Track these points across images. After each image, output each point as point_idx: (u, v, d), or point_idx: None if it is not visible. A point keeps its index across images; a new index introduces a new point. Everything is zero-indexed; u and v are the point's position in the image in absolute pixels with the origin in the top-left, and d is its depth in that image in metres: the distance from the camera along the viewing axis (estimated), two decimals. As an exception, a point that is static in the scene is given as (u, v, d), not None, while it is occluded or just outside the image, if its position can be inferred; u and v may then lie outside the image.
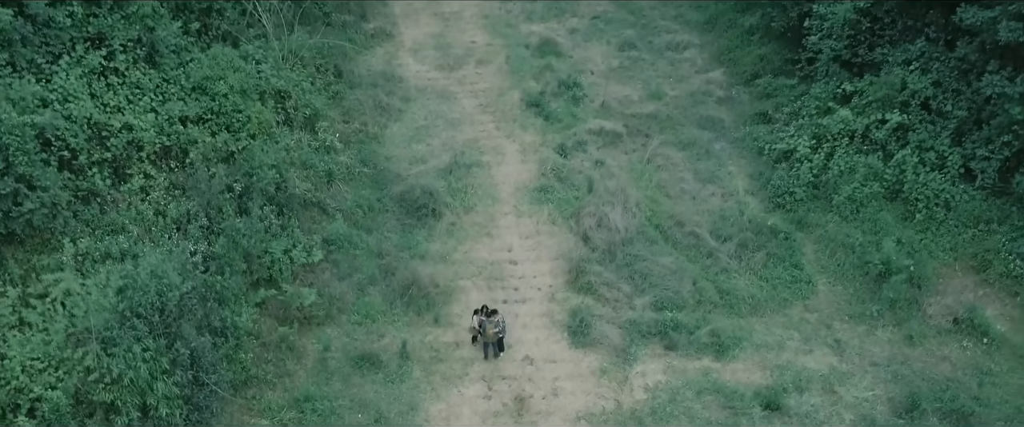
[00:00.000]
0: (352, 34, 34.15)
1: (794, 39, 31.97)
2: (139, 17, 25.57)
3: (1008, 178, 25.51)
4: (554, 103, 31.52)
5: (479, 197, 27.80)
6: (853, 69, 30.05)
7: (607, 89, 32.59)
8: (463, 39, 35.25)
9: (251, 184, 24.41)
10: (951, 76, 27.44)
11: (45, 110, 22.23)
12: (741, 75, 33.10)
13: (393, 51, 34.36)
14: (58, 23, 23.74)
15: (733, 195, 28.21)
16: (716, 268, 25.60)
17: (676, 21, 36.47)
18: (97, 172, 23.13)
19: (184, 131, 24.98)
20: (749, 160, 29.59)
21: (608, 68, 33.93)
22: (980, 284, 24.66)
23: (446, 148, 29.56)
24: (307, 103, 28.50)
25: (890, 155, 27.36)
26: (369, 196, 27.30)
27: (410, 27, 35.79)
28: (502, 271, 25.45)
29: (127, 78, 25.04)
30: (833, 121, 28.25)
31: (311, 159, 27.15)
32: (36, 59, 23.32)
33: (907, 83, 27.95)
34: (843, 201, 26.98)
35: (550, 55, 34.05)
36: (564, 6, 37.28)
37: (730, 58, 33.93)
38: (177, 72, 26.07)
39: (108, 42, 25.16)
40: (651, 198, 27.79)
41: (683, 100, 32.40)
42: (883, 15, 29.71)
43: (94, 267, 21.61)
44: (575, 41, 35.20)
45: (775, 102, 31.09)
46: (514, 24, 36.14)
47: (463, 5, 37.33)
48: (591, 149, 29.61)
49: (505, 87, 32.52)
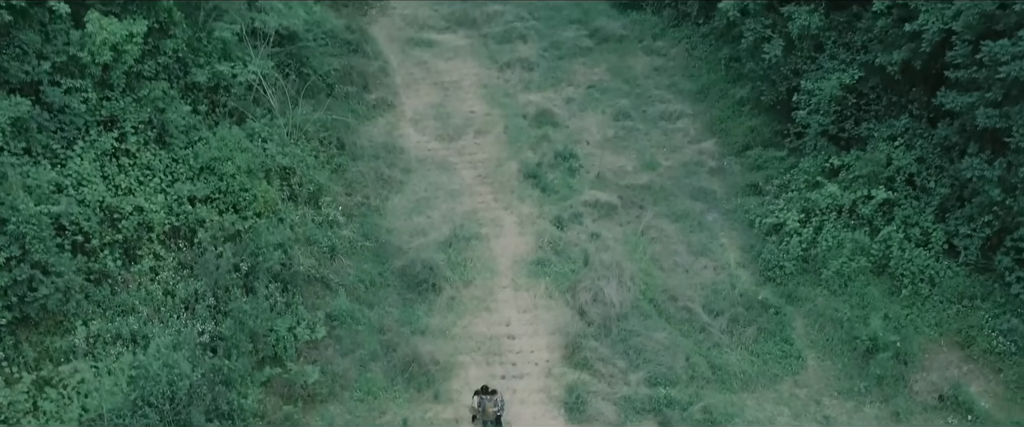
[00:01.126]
0: (355, 105, 35.13)
1: (783, 112, 32.97)
2: (150, 100, 26.54)
3: (990, 255, 26.33)
4: (551, 174, 32.41)
5: (478, 270, 28.56)
6: (840, 143, 31.01)
7: (602, 159, 33.52)
8: (462, 109, 36.24)
9: (257, 263, 25.20)
10: (934, 153, 28.38)
11: (60, 197, 23.07)
12: (733, 146, 34.04)
13: (394, 121, 35.33)
14: (73, 109, 24.68)
15: (725, 268, 29.00)
16: (709, 343, 26.31)
17: (669, 90, 37.51)
18: (108, 254, 23.93)
19: (192, 211, 25.82)
20: (741, 232, 30.42)
21: (603, 138, 34.87)
22: (965, 360, 25.37)
23: (446, 220, 30.38)
24: (311, 179, 29.38)
25: (876, 230, 28.21)
26: (371, 270, 28.07)
27: (411, 97, 36.81)
28: (500, 346, 26.15)
29: (138, 159, 25.94)
30: (821, 196, 29.13)
31: (315, 234, 27.96)
32: (51, 144, 24.21)
33: (892, 159, 28.89)
34: (831, 275, 27.77)
35: (547, 125, 35.01)
36: (560, 75, 38.34)
37: (722, 129, 34.90)
38: (186, 152, 26.97)
39: (120, 124, 26.10)
40: (645, 271, 28.56)
41: (676, 170, 33.31)
42: (868, 91, 30.76)
43: (106, 349, 22.37)
44: (571, 111, 36.19)
45: (765, 174, 31.99)
46: (512, 94, 37.17)
47: (462, 74, 38.40)
48: (587, 221, 30.43)
49: (503, 157, 33.43)
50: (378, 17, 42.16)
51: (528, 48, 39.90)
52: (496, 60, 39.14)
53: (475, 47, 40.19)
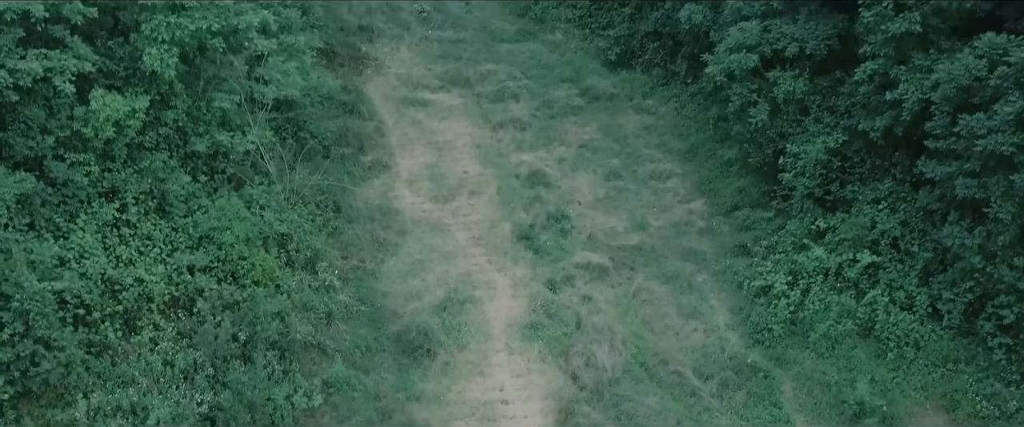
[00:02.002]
0: (351, 167, 35.78)
1: (771, 173, 33.71)
2: (151, 171, 27.16)
3: (973, 319, 26.93)
4: (544, 235, 33.01)
5: (472, 334, 29.04)
6: (826, 205, 31.73)
7: (594, 220, 34.17)
8: (456, 169, 36.92)
9: (255, 333, 25.67)
10: (917, 217, 29.09)
11: (63, 271, 23.58)
12: (721, 206, 34.74)
13: (390, 182, 35.98)
14: (76, 183, 25.28)
15: (714, 330, 29.54)
16: (699, 407, 26.77)
17: (659, 149, 38.27)
18: (109, 325, 24.40)
19: (192, 280, 26.32)
20: (730, 294, 31.00)
21: (595, 198, 35.54)
22: (950, 423, 25.87)
23: (440, 283, 30.90)
24: (308, 244, 29.94)
25: (862, 293, 28.82)
26: (367, 335, 28.53)
27: (406, 157, 37.49)
28: (494, 411, 26.57)
29: (138, 230, 26.50)
30: (808, 258, 29.76)
31: (312, 300, 28.45)
32: (54, 218, 24.79)
33: (876, 222, 29.60)
34: (819, 338, 28.33)
35: (539, 185, 35.68)
36: (552, 135, 39.10)
37: (711, 188, 35.62)
38: (186, 221, 27.55)
39: (121, 195, 26.70)
40: (636, 334, 29.09)
41: (666, 230, 33.96)
42: (853, 154, 31.55)
43: (106, 422, 22.78)
44: (563, 171, 36.90)
45: (754, 235, 32.64)
46: (505, 153, 37.89)
47: (456, 134, 39.13)
48: (579, 283, 30.99)
49: (496, 219, 34.04)
50: (373, 77, 42.98)
51: (520, 107, 40.69)
52: (489, 119, 39.91)
53: (469, 106, 40.98)
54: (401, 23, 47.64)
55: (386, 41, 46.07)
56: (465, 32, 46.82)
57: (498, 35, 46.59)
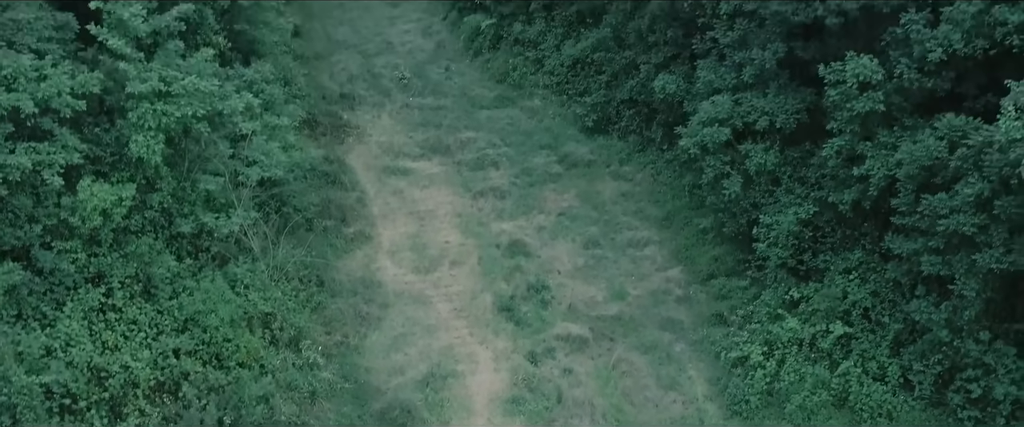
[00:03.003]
0: (333, 239, 36.31)
1: (745, 242, 34.51)
2: (136, 255, 27.61)
3: (943, 390, 27.63)
4: (524, 306, 33.57)
5: (455, 410, 29.45)
6: (799, 275, 32.51)
7: (573, 290, 34.78)
8: (438, 239, 37.52)
9: (240, 417, 26.01)
10: (887, 287, 29.90)
11: (50, 362, 23.90)
12: (698, 274, 35.46)
13: (372, 254, 36.51)
14: (63, 270, 25.71)
15: (693, 402, 30.09)
16: (679, 481, 27.22)
17: (636, 217, 39.04)
18: (95, 413, 24.70)
19: (177, 364, 26.67)
20: (708, 364, 31.60)
21: (574, 267, 36.19)
22: (924, 494, 26.44)
23: (423, 357, 31.34)
24: (292, 323, 30.36)
25: (836, 364, 29.49)
26: (350, 413, 28.87)
27: (388, 228, 38.07)
28: (478, 489, 26.91)
29: (124, 314, 26.88)
30: (783, 329, 30.47)
31: (296, 380, 28.81)
32: (41, 307, 25.16)
33: (848, 293, 30.39)
34: (795, 410, 28.93)
35: (520, 255, 36.32)
36: (532, 203, 39.82)
37: (687, 256, 36.37)
38: (171, 303, 27.94)
39: (107, 279, 27.11)
40: (616, 407, 29.59)
41: (645, 299, 34.60)
42: (824, 225, 32.43)
43: (91, 512, 22.94)
44: (543, 239, 37.57)
45: (730, 304, 33.34)
46: (485, 222, 38.55)
47: (437, 203, 39.79)
48: (560, 355, 31.51)
49: (478, 290, 34.59)
50: (355, 145, 43.70)
51: (500, 175, 41.46)
52: (470, 188, 40.61)
53: (449, 175, 41.70)
54: (382, 90, 48.55)
55: (367, 109, 46.89)
56: (445, 99, 47.70)
57: (477, 102, 47.50)
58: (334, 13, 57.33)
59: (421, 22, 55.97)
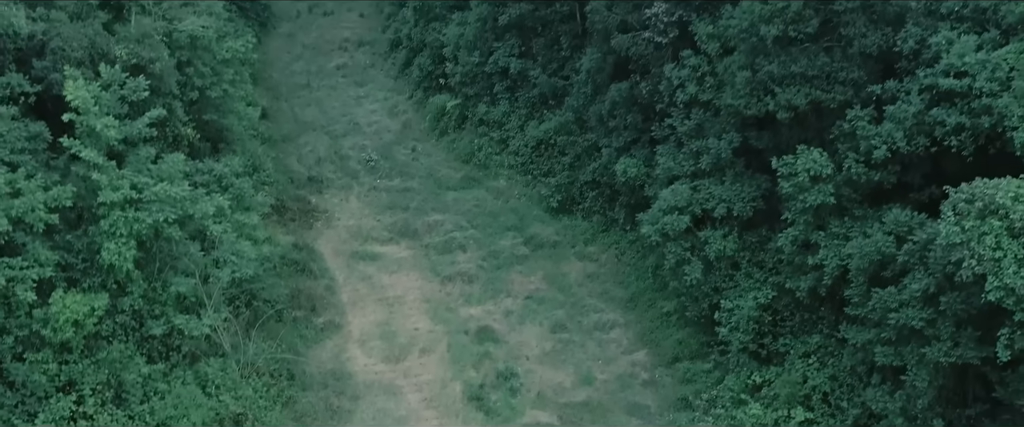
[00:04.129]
0: (303, 330, 36.68)
1: (708, 325, 35.40)
2: (108, 362, 27.84)
3: (903, 475, 28.44)
4: (494, 395, 34.06)
5: (427, 505, 29.72)
6: (761, 358, 33.42)
7: (542, 376, 35.36)
8: (407, 326, 38.01)
9: (213, 523, 26.11)
10: (845, 372, 30.85)
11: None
12: (663, 357, 36.23)
13: (342, 343, 36.89)
14: (35, 382, 25.87)
15: (661, 490, 30.64)
16: None
17: (602, 298, 39.82)
18: (66, 526, 24.68)
19: (149, 471, 26.81)
20: (675, 450, 32.21)
21: (542, 352, 36.80)
22: None
23: (394, 452, 31.63)
24: (263, 422, 30.59)
25: (799, 448, 30.28)
26: (323, 512, 29.05)
27: (357, 315, 38.51)
28: None
29: (95, 422, 27.14)
30: (746, 415, 31.25)
31: (268, 481, 29.01)
32: (13, 419, 25.26)
33: (808, 377, 31.33)
34: (760, 497, 29.59)
35: (488, 341, 36.90)
36: (499, 286, 40.50)
37: (652, 339, 37.15)
38: (142, 408, 28.17)
39: (78, 387, 27.29)
40: (586, 497, 30.03)
41: (612, 384, 35.24)
42: (782, 308, 33.48)
43: None
44: (511, 324, 38.20)
45: (695, 388, 34.10)
46: (454, 308, 39.12)
47: (406, 288, 40.34)
48: (529, 446, 31.94)
49: (447, 378, 35.05)
50: (324, 230, 44.26)
51: (468, 258, 42.16)
52: (438, 272, 41.24)
53: (417, 258, 42.34)
54: (350, 172, 49.28)
55: (335, 191, 47.56)
56: (412, 180, 48.53)
57: (444, 182, 48.35)
58: (301, 93, 58.22)
59: (387, 101, 56.98)
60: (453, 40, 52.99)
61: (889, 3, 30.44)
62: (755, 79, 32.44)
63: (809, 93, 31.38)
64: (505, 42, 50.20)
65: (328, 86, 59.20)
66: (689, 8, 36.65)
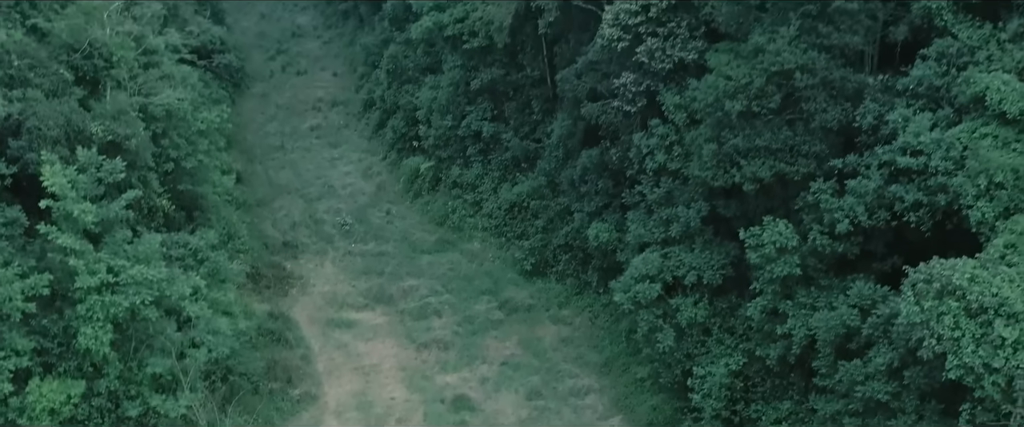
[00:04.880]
0: (279, 402, 36.77)
1: (681, 391, 35.90)
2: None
3: None
4: (471, 468, 34.23)
5: None
6: (733, 424, 33.95)
7: (518, 447, 35.60)
8: (383, 395, 38.17)
9: None
10: (818, 439, 31.42)
11: None
12: (638, 423, 36.67)
13: (318, 415, 36.97)
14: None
15: None
16: None
17: (577, 363, 40.24)
18: None
19: None
20: (650, 519, 32.50)
21: (518, 419, 37.10)
22: None
23: None
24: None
25: (774, 519, 30.70)
26: None
27: (333, 385, 38.63)
28: None
29: (71, 509, 26.89)
30: (723, 486, 31.66)
31: None
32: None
33: (780, 445, 31.89)
34: None
35: (464, 410, 37.13)
36: (475, 352, 40.82)
37: (627, 405, 37.58)
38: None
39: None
40: None
41: (589, 454, 35.56)
42: (753, 374, 34.08)
43: None
44: (487, 391, 38.48)
45: (671, 457, 34.51)
46: (429, 376, 39.36)
47: (382, 356, 40.55)
48: (507, 521, 32.10)
49: (424, 449, 35.22)
50: (299, 297, 44.44)
51: (443, 324, 42.48)
52: (413, 339, 41.51)
53: (393, 325, 42.60)
54: (325, 237, 49.60)
55: (310, 257, 47.82)
56: (387, 244, 48.91)
57: (419, 246, 48.77)
58: (276, 155, 58.61)
59: (362, 163, 57.50)
60: (426, 103, 53.78)
61: (848, 79, 31.51)
62: (721, 151, 33.29)
63: (774, 165, 32.28)
64: (477, 106, 51.08)
65: (302, 147, 59.65)
66: (656, 79, 37.60)
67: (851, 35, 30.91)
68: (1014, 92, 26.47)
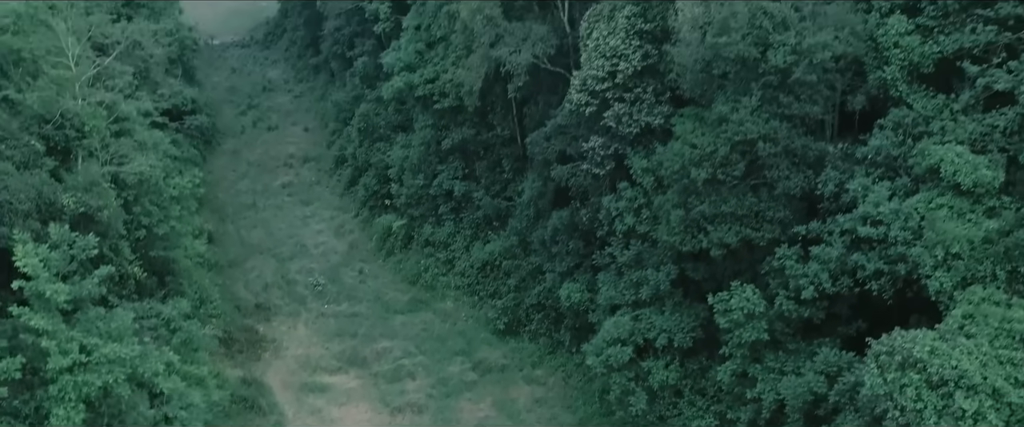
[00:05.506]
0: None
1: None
2: None
3: None
4: None
5: None
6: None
7: (494, 511, 35.62)
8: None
9: None
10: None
11: None
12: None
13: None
14: None
15: None
16: None
17: (551, 425, 40.36)
18: None
19: None
20: None
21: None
22: None
23: None
24: None
25: None
26: None
27: (308, 454, 38.52)
28: None
29: None
30: None
31: None
32: None
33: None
34: None
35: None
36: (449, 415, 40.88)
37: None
38: None
39: None
40: None
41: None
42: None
43: None
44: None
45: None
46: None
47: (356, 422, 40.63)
48: None
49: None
50: (272, 361, 44.35)
51: (417, 387, 42.53)
52: (387, 402, 41.52)
53: (367, 388, 42.60)
54: (297, 298, 49.61)
55: (283, 319, 47.80)
56: (360, 304, 49.01)
57: (392, 306, 48.92)
58: (248, 214, 58.68)
59: (334, 220, 57.71)
60: (398, 161, 54.28)
61: (809, 147, 32.40)
62: (688, 217, 34.02)
63: (740, 231, 33.03)
64: (449, 164, 51.67)
65: (274, 205, 59.78)
66: (624, 142, 38.36)
67: (811, 105, 31.84)
68: (967, 164, 27.42)
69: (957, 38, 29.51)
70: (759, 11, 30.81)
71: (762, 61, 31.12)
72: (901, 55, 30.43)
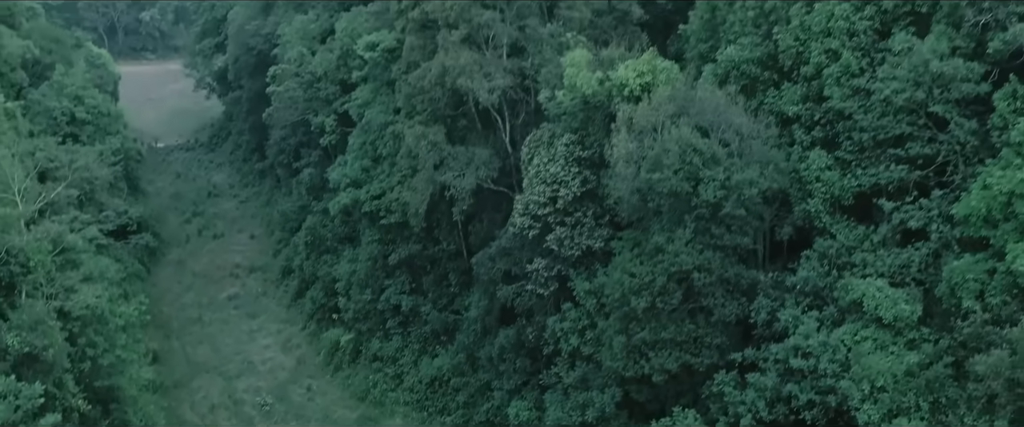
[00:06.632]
0: None
1: None
2: None
3: None
4: None
5: None
6: None
7: None
8: None
9: None
10: None
11: None
12: None
13: None
14: None
15: None
16: None
17: None
18: None
19: None
20: None
21: None
22: None
23: None
24: None
25: None
26: None
27: None
28: None
29: None
30: None
31: None
32: None
33: None
34: None
35: None
36: None
37: None
38: None
39: None
40: None
41: None
42: None
43: None
44: None
45: None
46: None
47: None
48: None
49: None
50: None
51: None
52: None
53: (317, 514, 42.30)
54: (245, 419, 49.26)
55: (231, 444, 47.38)
56: (308, 423, 48.79)
57: (341, 424, 48.77)
58: (193, 329, 58.31)
59: (281, 334, 57.64)
60: (345, 276, 54.74)
61: (742, 276, 33.90)
62: (630, 344, 35.08)
63: (679, 357, 34.19)
64: (396, 279, 52.30)
65: (220, 319, 59.50)
66: (566, 264, 39.55)
67: (742, 236, 33.43)
68: (887, 299, 29.04)
69: (874, 173, 31.34)
70: (689, 148, 32.46)
71: (694, 195, 32.68)
72: (823, 189, 32.22)
